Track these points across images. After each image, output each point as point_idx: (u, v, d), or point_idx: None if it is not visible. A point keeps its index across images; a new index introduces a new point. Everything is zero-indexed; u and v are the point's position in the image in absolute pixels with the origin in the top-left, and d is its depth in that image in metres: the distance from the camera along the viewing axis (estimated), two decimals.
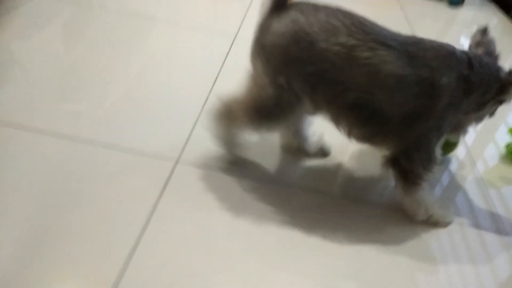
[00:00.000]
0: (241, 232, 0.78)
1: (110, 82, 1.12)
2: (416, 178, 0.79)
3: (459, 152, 1.10)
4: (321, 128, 0.95)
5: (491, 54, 0.82)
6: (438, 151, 0.79)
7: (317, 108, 0.78)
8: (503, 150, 1.12)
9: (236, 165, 0.93)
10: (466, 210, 0.92)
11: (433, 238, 0.83)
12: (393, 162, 0.80)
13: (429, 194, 0.87)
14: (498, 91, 0.78)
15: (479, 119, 0.84)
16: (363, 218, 0.86)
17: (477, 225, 0.89)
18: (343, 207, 0.88)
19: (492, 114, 0.86)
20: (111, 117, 1.00)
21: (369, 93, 0.73)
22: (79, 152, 0.89)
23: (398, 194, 0.85)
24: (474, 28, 1.96)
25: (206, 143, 0.94)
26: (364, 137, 0.80)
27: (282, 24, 0.73)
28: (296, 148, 0.96)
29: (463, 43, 1.80)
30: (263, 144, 1.00)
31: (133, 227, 0.74)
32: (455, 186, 0.99)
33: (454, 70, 0.73)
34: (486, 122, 0.89)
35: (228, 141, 0.90)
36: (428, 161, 0.78)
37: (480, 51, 0.82)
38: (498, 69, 0.80)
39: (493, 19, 2.14)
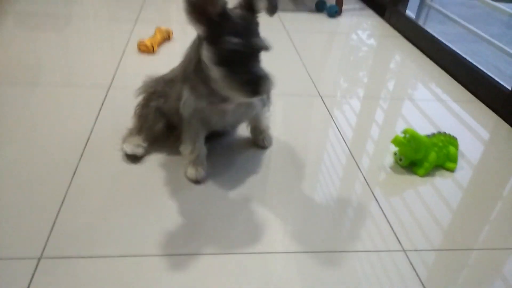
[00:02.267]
0: None
1: None
2: None
3: (349, 167, 1.07)
4: None
5: None
6: None
7: None
8: (391, 158, 1.11)
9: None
10: (366, 233, 0.87)
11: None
12: None
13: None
14: None
15: None
16: None
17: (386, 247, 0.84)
18: None
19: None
20: None
21: None
22: None
23: None
24: (353, 31, 2.01)
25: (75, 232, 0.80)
26: None
27: None
28: None
29: (350, 48, 1.83)
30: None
31: None
32: (359, 211, 0.94)
33: None
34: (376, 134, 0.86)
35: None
36: None
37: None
38: None
39: (372, 22, 2.22)
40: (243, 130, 1.15)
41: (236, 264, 0.78)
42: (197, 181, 0.97)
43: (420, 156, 1.05)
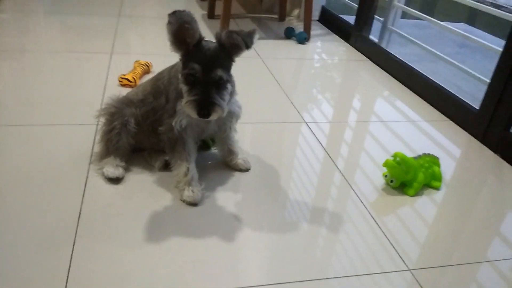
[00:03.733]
0: None
1: None
2: None
3: (342, 189, 1.12)
4: None
5: None
6: None
7: None
8: (382, 180, 1.17)
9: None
10: (365, 256, 0.92)
11: None
12: None
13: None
14: None
15: None
16: None
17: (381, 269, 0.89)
18: None
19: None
20: None
21: None
22: None
23: None
24: (323, 56, 2.10)
25: None
26: None
27: None
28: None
29: (318, 72, 1.91)
30: None
31: None
32: (354, 233, 0.98)
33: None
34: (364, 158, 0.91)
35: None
36: None
37: None
38: None
39: (339, 47, 2.33)
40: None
41: None
42: (194, 204, 1.00)
43: (410, 177, 1.12)
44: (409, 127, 1.51)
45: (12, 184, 1.02)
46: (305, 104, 1.60)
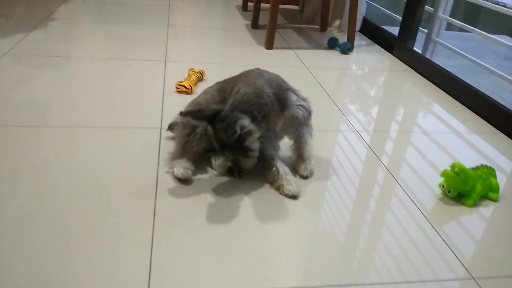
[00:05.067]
0: None
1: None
2: None
3: (402, 198, 1.14)
4: None
5: None
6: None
7: None
8: (439, 190, 1.19)
9: None
10: (420, 261, 0.94)
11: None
12: None
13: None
14: None
15: None
16: None
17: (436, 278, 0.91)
18: None
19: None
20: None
21: None
22: None
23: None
24: (367, 66, 2.13)
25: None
26: None
27: None
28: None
29: (363, 81, 1.93)
30: None
31: None
32: (409, 237, 1.01)
33: None
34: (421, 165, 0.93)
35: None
36: None
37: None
38: None
39: (383, 58, 2.36)
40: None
41: None
42: (296, 196, 1.11)
43: (468, 188, 1.14)
44: (456, 139, 1.52)
45: (85, 184, 1.09)
46: (351, 112, 1.63)
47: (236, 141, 1.00)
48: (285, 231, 0.99)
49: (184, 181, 1.12)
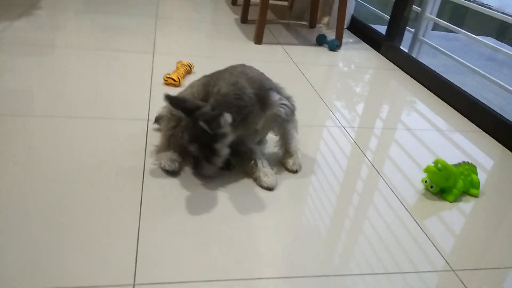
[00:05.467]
0: None
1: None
2: None
3: (386, 194, 1.16)
4: None
5: None
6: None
7: None
8: (421, 185, 1.22)
9: None
10: (402, 254, 0.96)
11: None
12: None
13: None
14: None
15: None
16: None
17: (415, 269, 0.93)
18: None
19: None
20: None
21: None
22: None
23: None
24: (354, 63, 2.15)
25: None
26: None
27: None
28: None
29: (350, 78, 1.96)
30: None
31: None
32: (393, 234, 1.03)
33: None
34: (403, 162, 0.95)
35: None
36: None
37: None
38: None
39: (370, 56, 2.38)
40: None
41: None
42: (272, 188, 1.12)
43: (450, 184, 1.16)
44: (439, 136, 1.56)
45: (70, 174, 1.09)
46: (337, 108, 1.65)
47: (208, 138, 1.01)
48: (270, 223, 1.01)
49: (171, 173, 1.12)
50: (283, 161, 1.23)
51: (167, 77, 1.63)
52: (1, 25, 2.05)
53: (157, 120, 1.31)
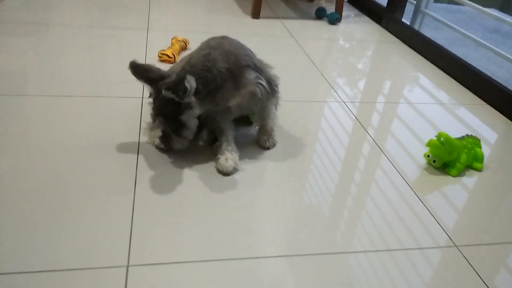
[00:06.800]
0: None
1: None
2: None
3: (386, 168, 1.13)
4: None
5: None
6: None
7: None
8: (424, 160, 1.19)
9: None
10: (405, 230, 0.94)
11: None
12: None
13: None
14: None
15: None
16: None
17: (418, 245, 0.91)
18: None
19: None
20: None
21: None
22: None
23: None
24: (355, 37, 2.08)
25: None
26: None
27: None
28: None
29: (350, 52, 1.90)
30: None
31: None
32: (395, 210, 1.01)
33: None
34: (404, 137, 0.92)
35: None
36: None
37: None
38: None
39: (371, 29, 2.32)
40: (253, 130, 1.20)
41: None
42: (226, 173, 1.04)
43: (453, 158, 1.13)
44: (442, 110, 1.52)
45: (65, 153, 1.06)
46: (338, 83, 1.61)
47: (172, 110, 0.96)
48: (270, 201, 0.98)
49: (164, 150, 1.09)
50: (258, 137, 1.18)
51: (161, 53, 1.59)
52: None
53: (151, 95, 1.27)
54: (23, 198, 0.90)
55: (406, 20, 2.30)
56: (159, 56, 1.60)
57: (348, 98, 1.50)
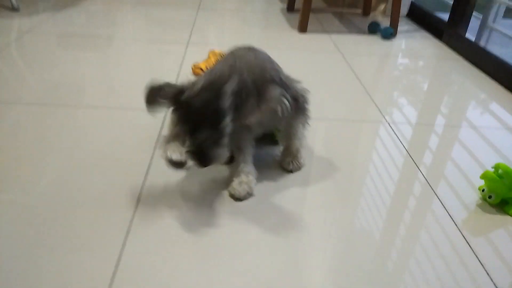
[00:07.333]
0: None
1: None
2: None
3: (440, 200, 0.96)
4: None
5: None
6: None
7: None
8: (478, 195, 1.00)
9: None
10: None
11: None
12: None
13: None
14: None
15: None
16: None
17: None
18: None
19: None
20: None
21: None
22: None
23: None
24: (410, 53, 1.91)
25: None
26: None
27: None
28: None
29: (404, 70, 1.73)
30: None
31: None
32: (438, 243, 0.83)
33: None
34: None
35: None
36: None
37: None
38: None
39: (429, 45, 2.12)
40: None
41: None
42: (238, 198, 0.93)
43: None
44: (509, 136, 1.30)
45: (88, 162, 1.01)
46: (388, 104, 1.45)
47: (211, 118, 0.83)
48: (279, 238, 0.85)
49: (177, 164, 0.99)
50: (281, 159, 1.06)
51: (195, 66, 1.53)
52: (43, 16, 2.07)
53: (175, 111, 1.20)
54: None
55: (471, 35, 2.08)
56: (192, 69, 1.54)
57: (394, 119, 1.34)
